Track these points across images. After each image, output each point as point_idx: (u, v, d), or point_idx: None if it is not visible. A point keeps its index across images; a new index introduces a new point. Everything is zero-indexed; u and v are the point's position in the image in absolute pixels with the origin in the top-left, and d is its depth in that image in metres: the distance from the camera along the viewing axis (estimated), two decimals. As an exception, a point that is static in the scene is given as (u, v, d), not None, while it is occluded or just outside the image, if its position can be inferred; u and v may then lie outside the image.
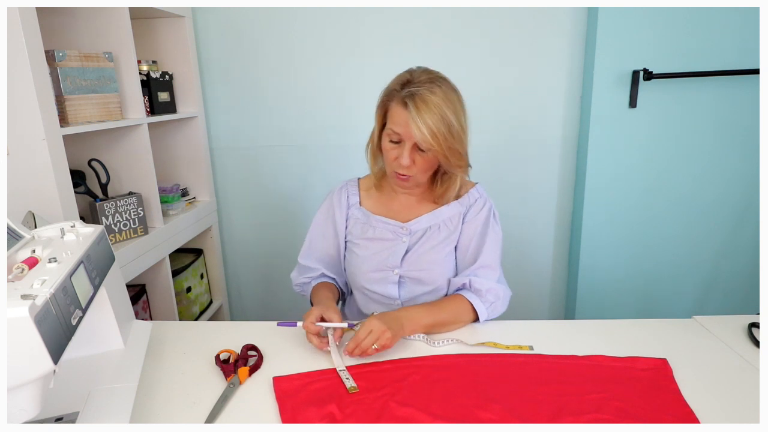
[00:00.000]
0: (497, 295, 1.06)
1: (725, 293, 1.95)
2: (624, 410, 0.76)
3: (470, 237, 1.10)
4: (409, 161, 1.00)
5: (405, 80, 1.00)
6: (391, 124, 1.01)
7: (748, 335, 0.99)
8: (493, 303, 1.06)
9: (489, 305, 1.05)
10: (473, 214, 1.11)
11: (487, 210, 1.12)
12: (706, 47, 1.68)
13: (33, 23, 1.07)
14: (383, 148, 1.06)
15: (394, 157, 1.02)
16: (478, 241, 1.10)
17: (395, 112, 1.00)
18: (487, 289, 1.05)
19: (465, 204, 1.12)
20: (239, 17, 1.80)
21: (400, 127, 0.99)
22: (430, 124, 0.94)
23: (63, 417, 0.71)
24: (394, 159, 1.03)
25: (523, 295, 2.04)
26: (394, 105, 1.00)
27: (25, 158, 1.11)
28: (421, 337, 0.98)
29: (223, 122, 1.93)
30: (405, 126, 0.98)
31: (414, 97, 0.96)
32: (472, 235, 1.10)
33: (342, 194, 1.17)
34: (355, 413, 0.77)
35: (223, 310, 2.05)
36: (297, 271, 1.22)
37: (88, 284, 0.72)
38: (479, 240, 1.10)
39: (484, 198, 1.13)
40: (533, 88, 1.81)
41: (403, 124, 0.98)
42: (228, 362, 0.90)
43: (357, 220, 1.15)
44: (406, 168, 1.02)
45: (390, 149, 1.03)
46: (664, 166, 1.81)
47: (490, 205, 1.13)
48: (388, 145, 1.03)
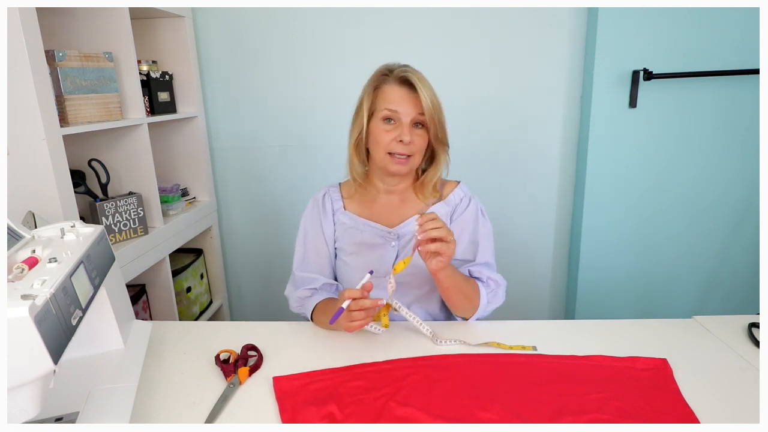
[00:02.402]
0: (497, 282, 1.08)
1: (725, 293, 1.94)
2: (624, 410, 0.76)
3: (459, 235, 1.10)
4: (410, 137, 1.03)
5: (387, 69, 1.07)
6: (386, 104, 1.04)
7: (748, 335, 0.99)
8: (494, 290, 1.08)
9: (490, 291, 1.07)
10: (460, 212, 1.12)
11: (474, 207, 1.13)
12: (706, 47, 1.68)
13: (33, 23, 1.07)
14: (376, 134, 1.06)
15: (392, 137, 1.04)
16: (472, 239, 1.11)
17: (391, 92, 1.04)
18: (488, 277, 1.08)
19: (451, 204, 1.13)
20: (239, 17, 1.80)
21: (396, 104, 1.03)
22: (430, 94, 1.02)
23: (63, 417, 0.71)
24: (392, 140, 1.04)
25: (523, 295, 2.04)
26: (389, 86, 1.05)
27: (25, 158, 1.11)
28: (427, 332, 0.99)
29: (223, 122, 1.93)
30: (402, 103, 1.03)
31: (409, 74, 1.03)
32: (461, 234, 1.10)
33: (326, 201, 1.16)
34: (355, 413, 0.77)
35: (223, 310, 2.05)
36: (293, 284, 1.14)
37: (88, 284, 0.72)
38: (472, 238, 1.11)
39: (469, 196, 1.14)
40: (533, 88, 1.81)
41: (400, 101, 1.03)
42: (228, 362, 0.90)
43: (343, 225, 1.13)
44: (406, 145, 1.03)
45: (386, 131, 1.04)
46: (664, 166, 1.81)
47: (475, 201, 1.14)
48: (383, 128, 1.04)
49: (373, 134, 1.06)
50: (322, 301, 1.06)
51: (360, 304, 0.90)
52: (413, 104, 1.03)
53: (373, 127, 1.06)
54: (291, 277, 1.16)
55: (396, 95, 1.03)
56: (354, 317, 0.91)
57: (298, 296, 1.10)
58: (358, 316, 0.91)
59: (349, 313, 0.91)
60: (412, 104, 1.03)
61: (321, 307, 1.05)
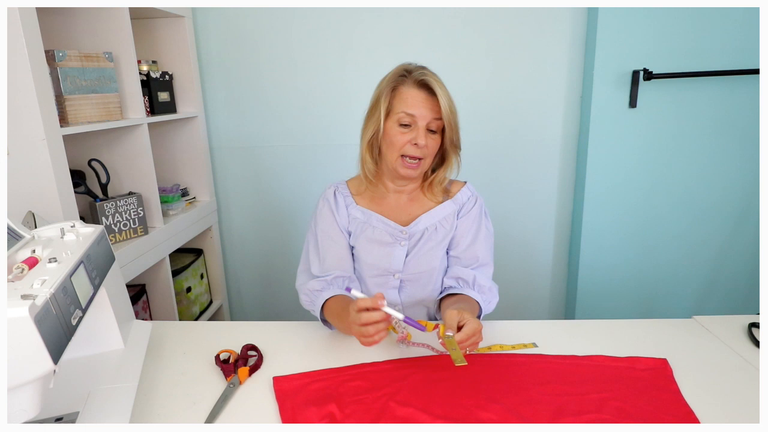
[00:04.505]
0: (492, 291, 1.09)
1: (725, 293, 1.95)
2: (624, 410, 0.76)
3: (463, 233, 1.12)
4: (425, 140, 1.03)
5: (405, 70, 1.06)
6: (403, 107, 1.03)
7: (748, 335, 0.99)
8: (491, 301, 1.09)
9: (488, 303, 1.08)
10: (466, 210, 1.13)
11: (479, 207, 1.14)
12: (706, 47, 1.68)
13: (33, 23, 1.06)
14: (391, 135, 1.05)
15: (407, 140, 1.04)
16: (473, 238, 1.12)
17: (409, 95, 1.03)
18: (489, 288, 1.08)
19: (458, 202, 1.14)
20: (239, 17, 1.80)
21: (414, 108, 1.03)
22: (447, 98, 1.03)
23: (63, 417, 0.71)
24: (407, 142, 1.04)
25: (523, 295, 2.04)
26: (407, 88, 1.04)
27: (25, 158, 1.11)
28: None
29: (223, 122, 1.93)
30: (419, 106, 1.02)
31: (427, 77, 1.03)
32: (465, 232, 1.12)
33: (338, 196, 1.15)
34: (355, 413, 0.77)
35: (223, 310, 2.05)
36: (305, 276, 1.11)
37: (88, 284, 0.72)
38: (474, 237, 1.12)
39: (475, 195, 1.16)
40: (533, 88, 1.81)
41: (418, 105, 1.03)
42: (228, 362, 0.90)
43: (356, 220, 1.14)
44: (420, 149, 1.04)
45: (401, 134, 1.04)
46: (664, 166, 1.81)
47: (481, 202, 1.15)
48: (398, 130, 1.04)
49: (388, 135, 1.06)
50: (333, 298, 1.02)
51: (371, 317, 0.82)
52: (431, 108, 1.03)
53: (388, 127, 1.06)
54: (302, 272, 1.12)
55: (414, 98, 1.03)
56: (365, 333, 0.83)
57: (309, 288, 1.06)
58: (369, 332, 0.82)
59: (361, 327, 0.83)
60: (430, 108, 1.03)
61: (332, 305, 1.01)
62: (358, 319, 0.83)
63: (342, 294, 1.03)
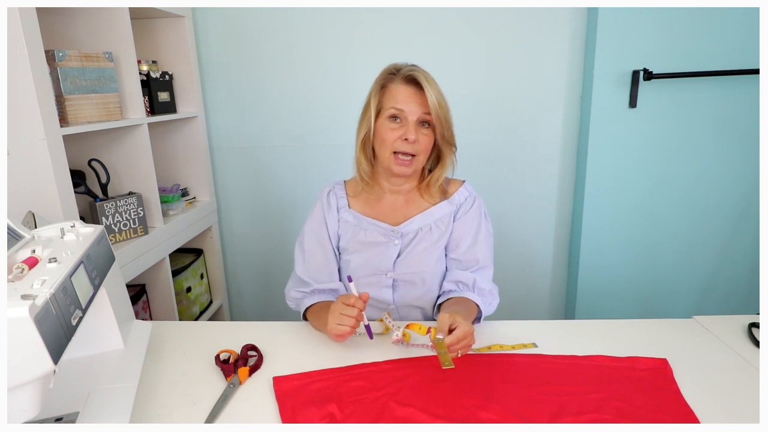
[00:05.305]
0: (493, 293, 1.09)
1: (725, 293, 1.95)
2: (624, 410, 0.76)
3: (462, 235, 1.11)
4: (415, 135, 1.03)
5: (395, 68, 1.07)
6: (392, 103, 1.04)
7: (748, 335, 0.99)
8: (491, 303, 1.09)
9: (488, 305, 1.08)
10: (464, 211, 1.13)
11: (477, 208, 1.13)
12: (706, 47, 1.68)
13: (33, 23, 1.06)
14: (382, 133, 1.06)
15: (397, 136, 1.04)
16: (473, 240, 1.11)
17: (397, 91, 1.04)
18: (489, 290, 1.08)
19: (455, 203, 1.13)
20: (239, 17, 1.80)
21: (403, 103, 1.03)
22: (436, 93, 1.03)
23: (63, 417, 0.71)
24: (397, 138, 1.04)
25: (523, 295, 2.04)
26: (395, 85, 1.05)
27: (25, 158, 1.11)
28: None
29: (223, 122, 1.93)
30: (408, 102, 1.03)
31: (416, 73, 1.04)
32: (464, 233, 1.11)
33: (331, 198, 1.16)
34: (355, 413, 0.77)
35: (223, 310, 2.05)
36: (292, 282, 1.15)
37: (88, 284, 0.72)
38: (473, 239, 1.11)
39: (474, 195, 1.15)
40: (533, 88, 1.81)
41: (406, 100, 1.03)
42: (228, 362, 0.90)
43: (347, 223, 1.14)
44: (411, 144, 1.04)
45: (391, 130, 1.05)
46: (664, 166, 1.81)
47: (479, 202, 1.14)
48: (389, 127, 1.05)
49: (379, 133, 1.07)
50: (317, 303, 1.08)
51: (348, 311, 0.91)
52: (419, 103, 1.03)
53: (379, 125, 1.06)
54: (293, 273, 1.16)
55: (402, 94, 1.04)
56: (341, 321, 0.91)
57: (292, 297, 1.13)
58: (344, 321, 0.91)
59: (340, 315, 0.91)
60: (419, 103, 1.03)
61: (315, 310, 1.07)
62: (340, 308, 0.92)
63: (325, 301, 1.08)
